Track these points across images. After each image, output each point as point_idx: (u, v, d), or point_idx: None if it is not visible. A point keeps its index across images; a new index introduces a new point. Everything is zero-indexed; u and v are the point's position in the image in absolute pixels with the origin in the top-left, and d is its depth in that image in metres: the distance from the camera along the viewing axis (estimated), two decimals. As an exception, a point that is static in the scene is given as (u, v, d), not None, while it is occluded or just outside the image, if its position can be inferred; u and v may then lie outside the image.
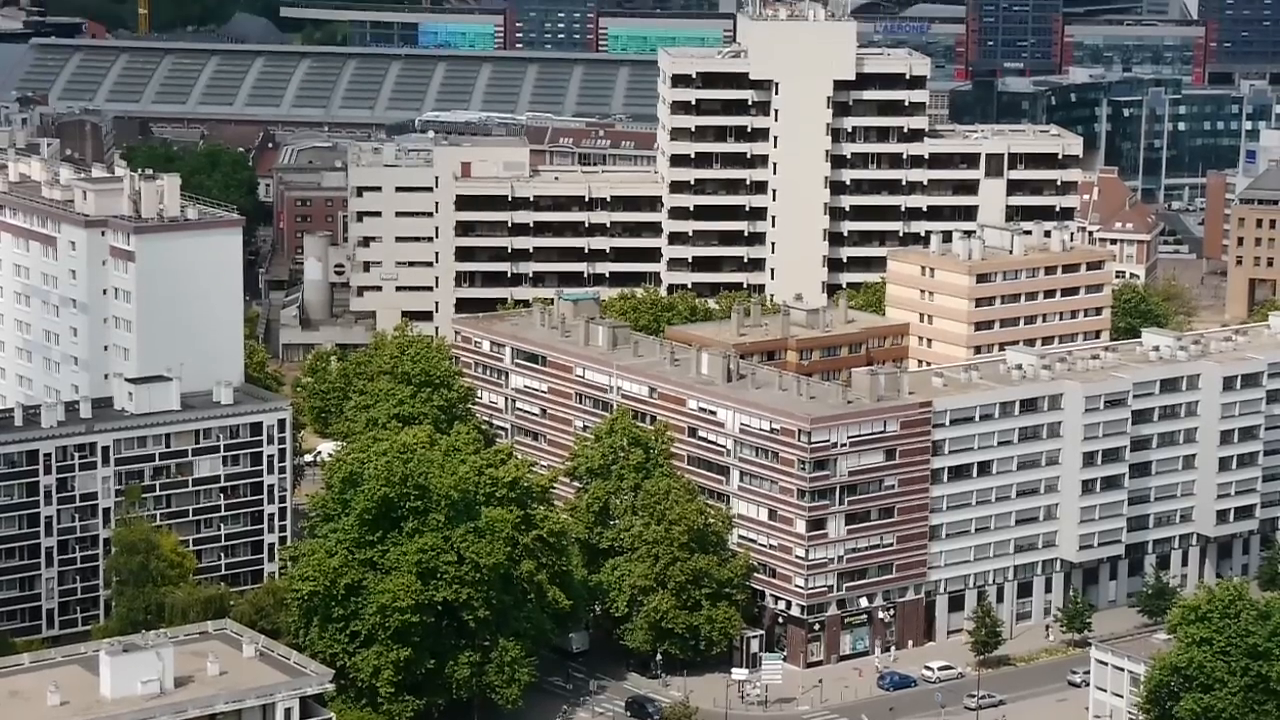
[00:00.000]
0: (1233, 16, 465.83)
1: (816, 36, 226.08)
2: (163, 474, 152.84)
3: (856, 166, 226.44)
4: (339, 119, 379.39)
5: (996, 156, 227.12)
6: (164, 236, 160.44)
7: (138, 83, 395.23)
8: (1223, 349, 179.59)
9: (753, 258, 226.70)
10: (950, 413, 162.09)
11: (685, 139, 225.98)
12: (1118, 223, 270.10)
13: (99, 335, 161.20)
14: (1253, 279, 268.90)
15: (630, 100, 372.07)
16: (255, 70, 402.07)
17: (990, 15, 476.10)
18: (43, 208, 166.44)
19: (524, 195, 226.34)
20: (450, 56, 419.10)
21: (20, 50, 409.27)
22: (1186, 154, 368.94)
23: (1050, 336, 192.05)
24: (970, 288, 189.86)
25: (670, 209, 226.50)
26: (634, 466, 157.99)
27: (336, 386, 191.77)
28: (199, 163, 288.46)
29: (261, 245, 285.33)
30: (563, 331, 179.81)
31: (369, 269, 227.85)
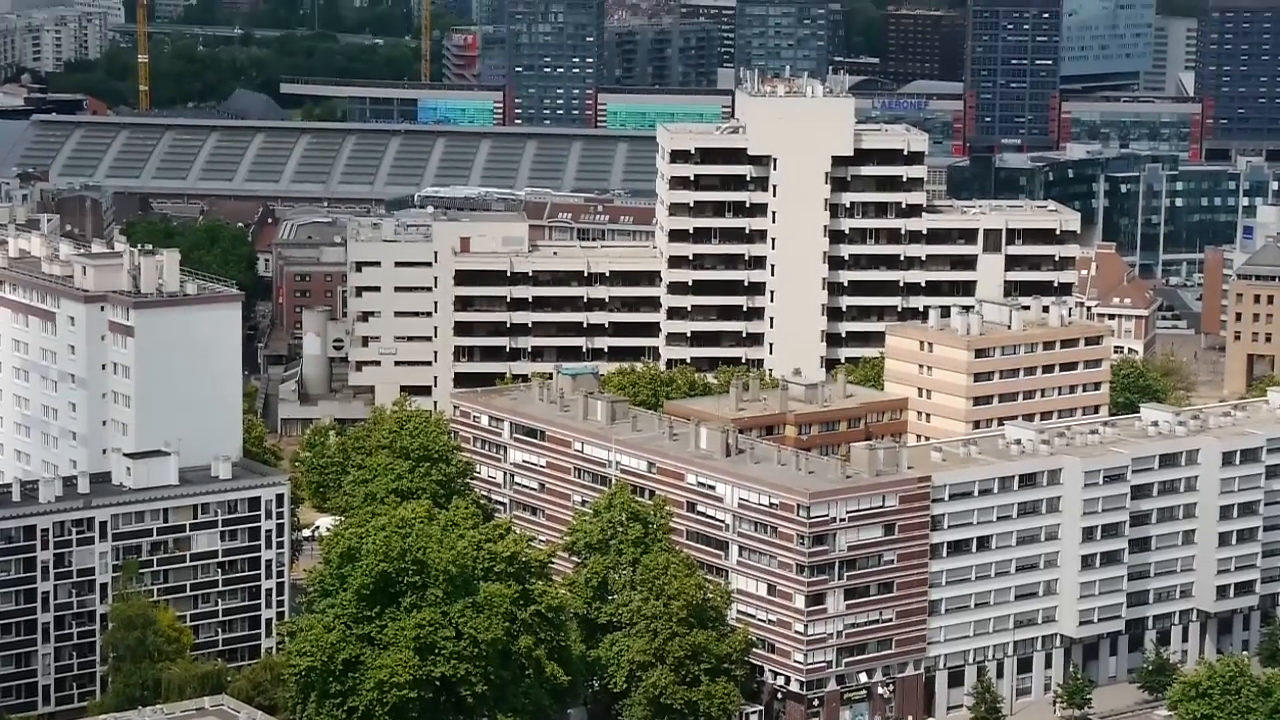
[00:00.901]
0: (1229, 94, 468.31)
1: (815, 112, 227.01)
2: (160, 549, 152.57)
3: (855, 242, 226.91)
4: (338, 194, 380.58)
5: (994, 232, 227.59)
6: (163, 311, 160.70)
7: (138, 159, 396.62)
8: (1222, 424, 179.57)
9: (751, 332, 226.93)
10: (949, 488, 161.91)
11: (684, 214, 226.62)
12: (1116, 298, 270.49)
13: (97, 410, 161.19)
14: (1251, 354, 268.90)
15: (629, 176, 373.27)
16: (255, 146, 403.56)
17: (988, 92, 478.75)
18: (42, 283, 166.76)
19: (523, 270, 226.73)
20: (449, 132, 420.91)
21: (21, 127, 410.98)
22: (1184, 230, 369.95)
23: (1049, 411, 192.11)
24: (969, 363, 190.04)
25: (669, 284, 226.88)
26: (632, 541, 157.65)
27: (335, 461, 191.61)
28: (199, 238, 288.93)
29: (261, 320, 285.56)
30: (561, 406, 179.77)
31: (368, 344, 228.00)
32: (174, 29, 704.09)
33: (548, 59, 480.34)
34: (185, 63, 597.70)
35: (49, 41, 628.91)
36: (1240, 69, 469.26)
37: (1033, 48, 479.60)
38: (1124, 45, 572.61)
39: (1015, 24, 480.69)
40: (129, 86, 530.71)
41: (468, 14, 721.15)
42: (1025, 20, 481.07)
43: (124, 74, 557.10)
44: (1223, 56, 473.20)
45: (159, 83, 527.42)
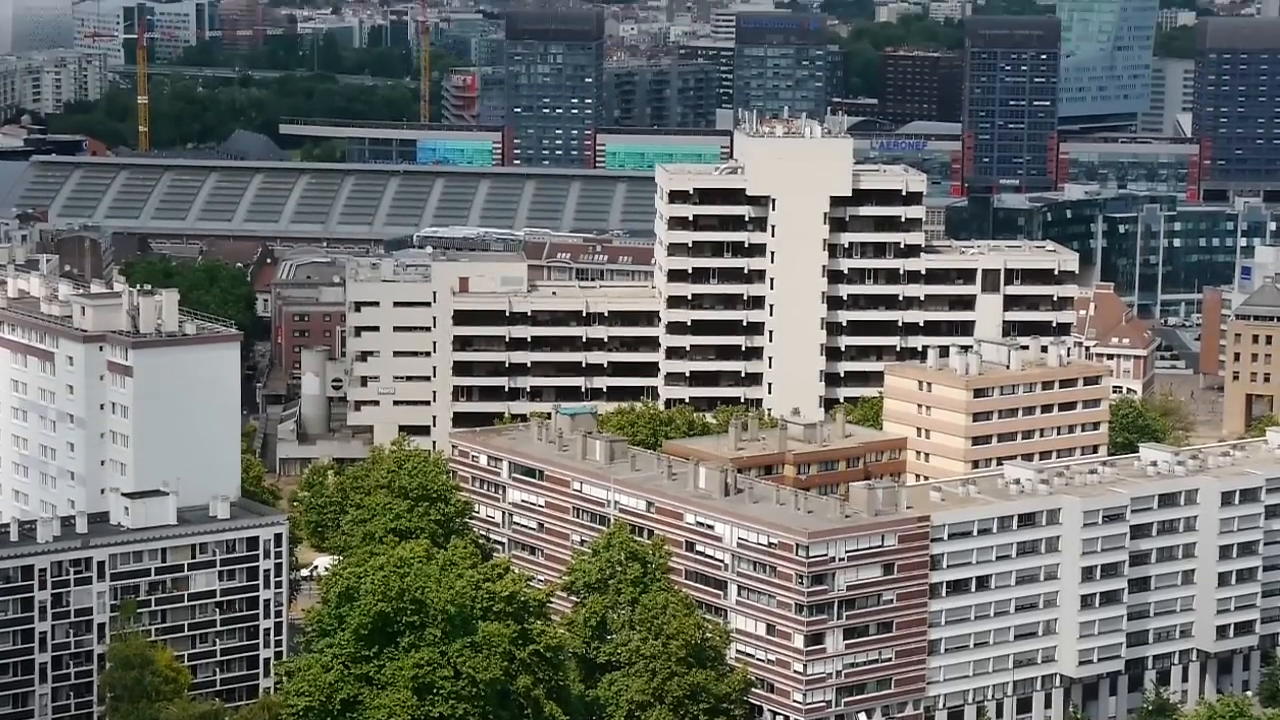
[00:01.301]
0: (1226, 135, 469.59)
1: (813, 153, 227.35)
2: (158, 589, 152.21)
3: (853, 282, 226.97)
4: (337, 234, 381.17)
5: (993, 272, 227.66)
6: (162, 351, 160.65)
7: (137, 199, 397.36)
8: (1221, 464, 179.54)
9: (750, 372, 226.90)
10: (948, 527, 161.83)
11: (682, 254, 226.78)
12: (1114, 338, 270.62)
13: (96, 450, 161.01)
14: (1249, 394, 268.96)
15: (627, 216, 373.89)
16: (254, 186, 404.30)
17: (986, 132, 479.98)
18: (41, 323, 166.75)
19: (521, 310, 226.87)
20: (448, 173, 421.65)
21: (21, 167, 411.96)
22: (1182, 270, 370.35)
23: (1048, 451, 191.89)
24: (967, 402, 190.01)
25: (667, 324, 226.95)
26: (631, 581, 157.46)
27: (333, 501, 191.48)
28: (197, 278, 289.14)
29: (259, 360, 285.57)
30: (560, 446, 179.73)
31: (366, 383, 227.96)
32: (173, 70, 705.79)
33: (546, 100, 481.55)
34: (185, 104, 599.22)
35: (49, 83, 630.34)
36: (1237, 110, 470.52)
37: (1030, 89, 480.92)
38: (1122, 86, 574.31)
39: (1013, 65, 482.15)
40: (128, 127, 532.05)
41: (467, 55, 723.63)
42: (1023, 61, 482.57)
43: (124, 115, 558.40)
44: (1220, 98, 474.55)
45: (158, 124, 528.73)
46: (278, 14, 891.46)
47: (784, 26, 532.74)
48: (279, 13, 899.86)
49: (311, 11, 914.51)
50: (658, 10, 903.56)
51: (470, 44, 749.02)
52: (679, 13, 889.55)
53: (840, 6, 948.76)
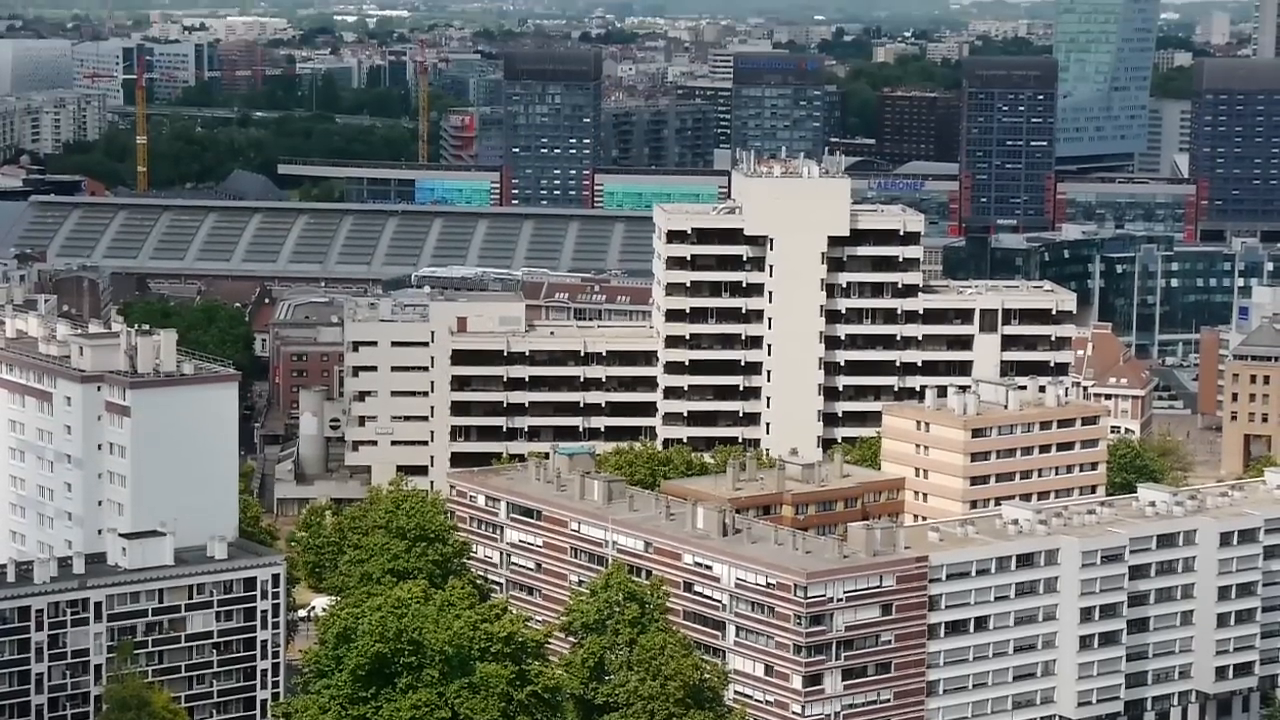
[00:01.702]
0: (1223, 175, 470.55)
1: (811, 193, 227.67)
2: (155, 630, 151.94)
3: (851, 321, 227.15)
4: (336, 274, 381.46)
5: (991, 312, 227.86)
6: (160, 391, 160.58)
7: (135, 239, 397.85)
8: (1219, 505, 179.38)
9: (748, 412, 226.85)
10: (946, 568, 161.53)
11: (680, 294, 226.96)
12: (1112, 378, 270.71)
13: (93, 490, 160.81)
14: (1248, 435, 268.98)
15: (625, 256, 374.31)
16: (253, 226, 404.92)
17: (983, 172, 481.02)
18: (39, 363, 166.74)
19: (519, 350, 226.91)
20: (447, 213, 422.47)
21: (20, 208, 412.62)
22: (1180, 310, 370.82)
23: (1046, 491, 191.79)
24: (965, 443, 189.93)
25: (665, 363, 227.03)
26: (629, 621, 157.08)
27: (331, 541, 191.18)
28: (195, 318, 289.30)
29: (257, 400, 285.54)
30: (558, 486, 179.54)
31: (364, 423, 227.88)
32: (172, 111, 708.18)
33: (545, 140, 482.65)
34: (183, 144, 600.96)
35: (48, 123, 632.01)
36: (1234, 150, 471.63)
37: (1028, 129, 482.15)
38: (1119, 127, 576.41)
39: (1010, 105, 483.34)
40: (127, 168, 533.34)
41: (465, 95, 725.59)
42: (1020, 102, 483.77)
43: (122, 155, 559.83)
44: (1217, 138, 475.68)
45: (157, 164, 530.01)
46: (276, 54, 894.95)
47: (781, 67, 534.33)
48: (278, 53, 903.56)
49: (310, 52, 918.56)
50: (656, 51, 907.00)
51: (469, 84, 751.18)
52: (677, 53, 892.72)
53: (838, 47, 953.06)
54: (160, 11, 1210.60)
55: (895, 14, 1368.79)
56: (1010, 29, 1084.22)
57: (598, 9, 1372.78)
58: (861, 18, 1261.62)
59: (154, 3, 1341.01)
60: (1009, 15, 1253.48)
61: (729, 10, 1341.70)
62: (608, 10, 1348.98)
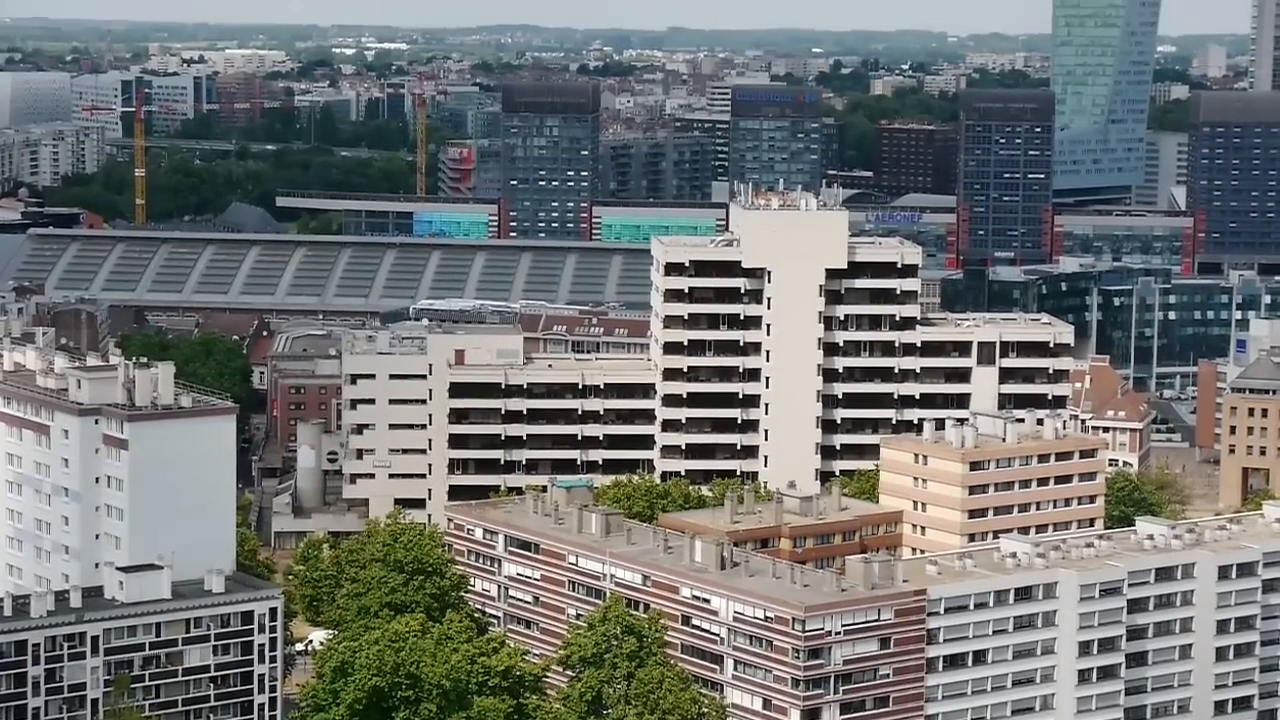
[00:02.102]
0: (1220, 208, 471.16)
1: (808, 225, 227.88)
2: (152, 664, 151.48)
3: (849, 354, 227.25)
4: (334, 307, 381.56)
5: (988, 345, 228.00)
6: (157, 425, 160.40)
7: (133, 272, 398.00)
8: (1217, 538, 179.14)
9: (746, 445, 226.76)
10: (945, 601, 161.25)
11: (678, 326, 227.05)
12: (1110, 411, 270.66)
13: (90, 524, 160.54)
14: (1245, 468, 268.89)
15: (623, 288, 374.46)
16: (250, 259, 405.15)
17: (981, 205, 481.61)
18: (37, 396, 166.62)
19: (517, 383, 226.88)
20: (445, 245, 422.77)
21: (18, 240, 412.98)
22: (1177, 343, 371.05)
23: (1044, 524, 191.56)
24: (963, 475, 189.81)
25: (663, 396, 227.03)
26: (627, 655, 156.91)
27: (328, 574, 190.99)
28: (193, 351, 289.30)
29: (255, 433, 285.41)
30: (556, 519, 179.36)
31: (362, 456, 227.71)
32: (171, 143, 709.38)
33: (543, 172, 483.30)
34: (182, 177, 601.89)
35: (46, 156, 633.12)
36: (1231, 183, 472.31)
37: (1025, 162, 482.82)
38: (1116, 160, 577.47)
39: (1008, 138, 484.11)
40: (125, 200, 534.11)
41: (463, 128, 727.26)
42: (1017, 134, 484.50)
43: (121, 188, 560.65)
44: (1214, 171, 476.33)
45: (155, 196, 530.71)
46: (275, 87, 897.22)
47: (779, 100, 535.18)
48: (276, 86, 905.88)
49: (309, 84, 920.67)
50: (654, 84, 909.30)
51: (467, 117, 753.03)
52: (675, 86, 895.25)
53: (835, 80, 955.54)
54: (159, 44, 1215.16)
55: (893, 47, 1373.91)
56: (1007, 62, 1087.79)
57: (596, 42, 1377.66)
58: (859, 50, 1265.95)
59: (153, 36, 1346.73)
60: (1006, 48, 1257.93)
61: (727, 43, 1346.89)
62: (606, 43, 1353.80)
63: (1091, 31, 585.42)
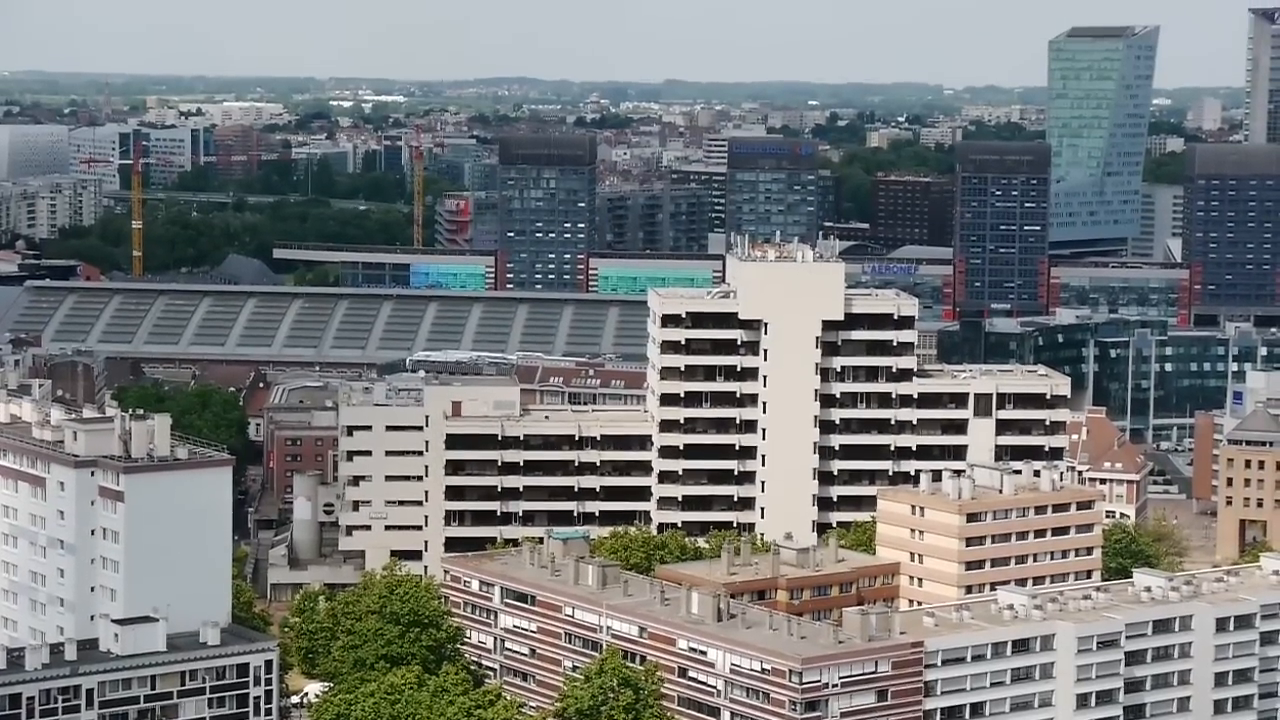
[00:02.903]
0: (1216, 260, 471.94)
1: (805, 277, 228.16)
2: (148, 716, 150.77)
3: (846, 406, 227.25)
4: (330, 359, 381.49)
5: (985, 396, 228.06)
6: (153, 476, 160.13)
7: (130, 324, 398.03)
8: (1215, 590, 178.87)
9: (743, 496, 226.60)
10: (942, 653, 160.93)
11: (675, 378, 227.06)
12: (1107, 463, 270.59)
13: (86, 576, 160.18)
14: (1243, 520, 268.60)
15: (620, 340, 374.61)
16: (247, 311, 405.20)
17: (977, 257, 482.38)
18: (32, 449, 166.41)
19: (514, 434, 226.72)
20: (441, 297, 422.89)
21: (15, 293, 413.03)
22: (1174, 394, 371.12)
23: (1041, 576, 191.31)
24: (960, 527, 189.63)
25: (660, 448, 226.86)
26: (624, 707, 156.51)
27: (324, 626, 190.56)
28: (190, 402, 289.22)
29: (251, 484, 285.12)
30: (552, 570, 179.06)
31: (358, 508, 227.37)
32: (168, 195, 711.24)
33: (539, 224, 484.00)
34: (179, 229, 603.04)
35: (44, 208, 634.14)
36: (1227, 236, 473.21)
37: (1021, 214, 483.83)
38: (1112, 212, 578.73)
39: (1004, 190, 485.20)
40: (123, 252, 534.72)
41: (460, 180, 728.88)
42: (1014, 187, 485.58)
43: (118, 240, 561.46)
44: (1209, 223, 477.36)
45: (152, 248, 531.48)
46: (272, 139, 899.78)
47: (776, 152, 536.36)
48: (274, 138, 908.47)
49: (306, 137, 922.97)
50: (650, 136, 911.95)
51: (464, 169, 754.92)
52: (671, 138, 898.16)
53: (832, 132, 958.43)
54: (157, 97, 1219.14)
55: (889, 99, 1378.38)
56: (1003, 114, 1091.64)
57: (593, 94, 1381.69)
58: (855, 103, 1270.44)
59: (151, 88, 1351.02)
60: (1002, 101, 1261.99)
61: (723, 95, 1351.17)
62: (603, 95, 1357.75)
63: (1087, 85, 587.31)
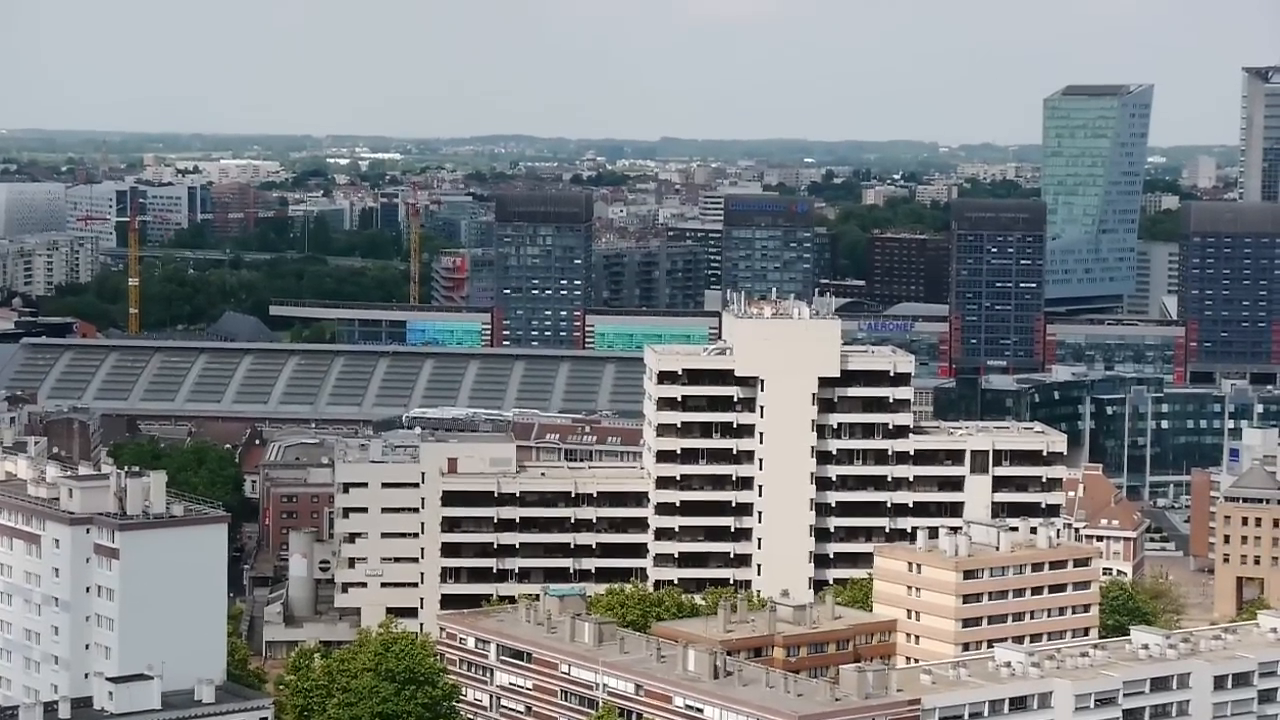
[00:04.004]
0: (1212, 317, 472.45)
1: (801, 334, 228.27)
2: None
3: (842, 463, 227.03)
4: (326, 415, 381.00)
5: (981, 453, 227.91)
6: (148, 534, 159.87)
7: (126, 380, 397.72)
8: (1213, 648, 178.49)
9: (739, 553, 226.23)
10: (939, 710, 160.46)
11: (671, 435, 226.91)
12: (1104, 520, 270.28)
13: (80, 634, 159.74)
14: (1240, 577, 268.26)
15: (616, 396, 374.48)
16: (244, 367, 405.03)
17: (973, 314, 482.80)
18: (28, 506, 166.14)
19: (510, 491, 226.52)
20: (438, 353, 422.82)
21: (11, 350, 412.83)
22: (1170, 451, 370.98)
23: (1038, 633, 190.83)
24: (957, 584, 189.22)
25: (656, 505, 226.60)
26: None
27: (320, 684, 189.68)
28: (185, 459, 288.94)
29: (247, 541, 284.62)
30: (549, 628, 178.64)
31: (354, 565, 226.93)
32: (165, 252, 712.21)
33: (536, 281, 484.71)
34: (175, 286, 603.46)
35: (40, 266, 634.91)
36: (1222, 293, 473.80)
37: (1017, 271, 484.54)
38: (1107, 269, 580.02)
39: (999, 248, 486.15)
40: (119, 309, 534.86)
41: (456, 237, 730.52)
42: (1009, 244, 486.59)
43: (114, 297, 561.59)
44: (1205, 281, 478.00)
45: (149, 305, 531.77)
46: (269, 197, 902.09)
47: (772, 209, 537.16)
48: (271, 195, 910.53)
49: (303, 194, 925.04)
50: (647, 193, 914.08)
51: (460, 226, 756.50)
52: (668, 195, 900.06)
53: (828, 189, 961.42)
54: (154, 155, 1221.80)
55: (884, 157, 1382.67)
56: (998, 172, 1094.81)
57: (589, 152, 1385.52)
58: (851, 160, 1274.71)
59: (148, 146, 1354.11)
60: (997, 158, 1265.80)
61: (719, 153, 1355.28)
62: (599, 153, 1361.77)
63: (1082, 142, 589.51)
